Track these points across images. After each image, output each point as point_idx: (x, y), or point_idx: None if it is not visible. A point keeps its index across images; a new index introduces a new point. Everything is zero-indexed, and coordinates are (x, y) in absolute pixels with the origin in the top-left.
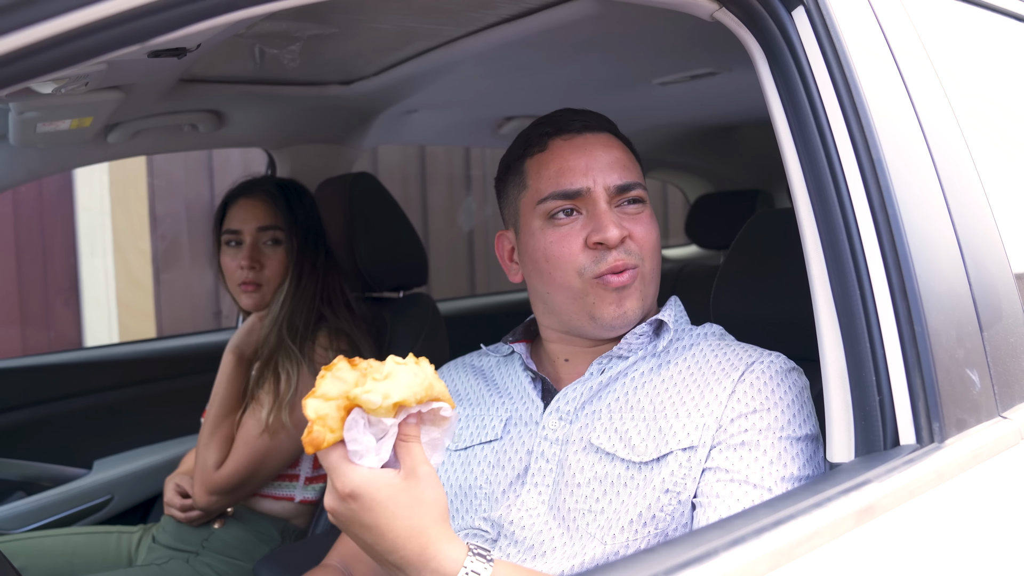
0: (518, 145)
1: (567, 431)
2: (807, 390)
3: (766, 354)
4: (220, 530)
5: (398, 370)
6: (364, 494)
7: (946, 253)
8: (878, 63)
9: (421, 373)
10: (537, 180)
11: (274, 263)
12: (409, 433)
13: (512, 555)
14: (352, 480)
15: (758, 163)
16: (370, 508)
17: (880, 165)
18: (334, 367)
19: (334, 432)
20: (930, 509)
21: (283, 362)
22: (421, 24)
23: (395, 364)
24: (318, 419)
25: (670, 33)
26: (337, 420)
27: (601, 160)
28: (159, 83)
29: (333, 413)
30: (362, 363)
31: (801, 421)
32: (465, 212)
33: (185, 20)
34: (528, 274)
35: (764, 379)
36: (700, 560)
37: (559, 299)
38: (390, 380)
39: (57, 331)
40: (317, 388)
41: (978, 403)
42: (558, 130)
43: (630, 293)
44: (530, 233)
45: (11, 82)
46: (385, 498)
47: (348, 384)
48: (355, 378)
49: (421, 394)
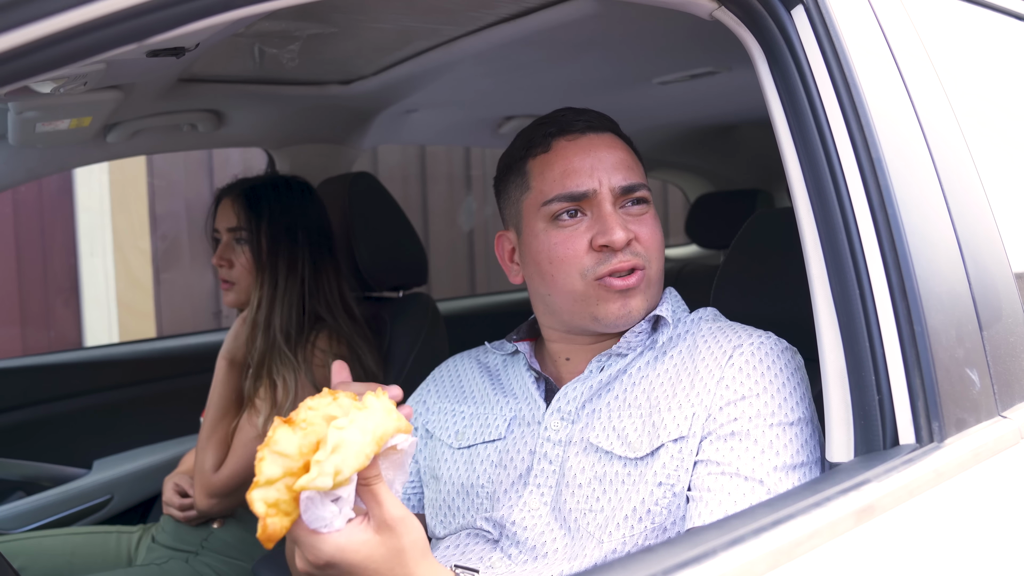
0: (520, 145)
1: (569, 432)
2: (801, 370)
3: (756, 335)
4: (219, 530)
5: (344, 438)
6: (340, 561)
7: (946, 252)
8: (878, 62)
9: (369, 423)
10: (541, 181)
11: (242, 262)
12: (370, 475)
13: (514, 556)
14: (324, 552)
15: (758, 163)
16: (350, 572)
17: (880, 164)
18: (270, 441)
19: (290, 515)
20: (930, 509)
21: (277, 368)
22: (421, 23)
23: (337, 431)
24: (268, 509)
25: (670, 32)
26: (290, 502)
27: (606, 161)
28: (158, 83)
29: (284, 495)
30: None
31: (793, 404)
32: (465, 212)
33: (182, 19)
34: (530, 275)
35: (753, 362)
36: (699, 560)
37: (561, 301)
38: (338, 453)
39: (57, 331)
40: (259, 474)
41: (978, 403)
42: (561, 130)
43: (635, 293)
44: (533, 235)
45: (8, 81)
46: (364, 558)
47: (292, 458)
48: (297, 448)
49: (374, 450)
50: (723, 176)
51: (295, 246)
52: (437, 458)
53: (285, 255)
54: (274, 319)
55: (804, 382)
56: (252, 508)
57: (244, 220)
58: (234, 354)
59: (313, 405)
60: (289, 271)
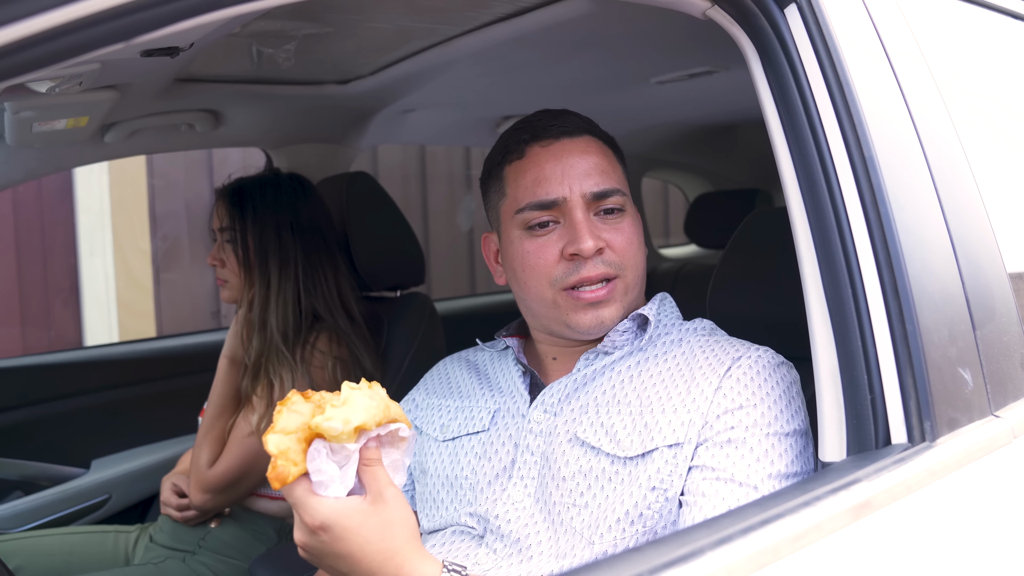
0: (498, 150)
1: (552, 423)
2: (797, 384)
3: (754, 348)
4: (217, 529)
5: (354, 395)
6: (334, 524)
7: (939, 252)
8: (871, 61)
9: (376, 396)
10: (515, 189)
11: (231, 261)
12: (371, 457)
13: (499, 550)
14: (320, 512)
15: (757, 162)
16: (342, 537)
17: (872, 163)
18: (288, 401)
19: (297, 465)
20: (921, 508)
21: (274, 367)
22: (417, 23)
23: (350, 390)
24: (280, 454)
25: (667, 32)
26: (299, 453)
27: (577, 167)
28: (154, 82)
29: (294, 446)
30: (315, 395)
31: (789, 416)
32: (464, 212)
33: (168, 19)
34: (509, 278)
35: (751, 374)
36: (686, 559)
37: (535, 306)
38: (348, 406)
39: (57, 331)
40: (275, 423)
41: (970, 402)
42: (535, 136)
43: (607, 304)
44: (510, 241)
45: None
46: (356, 525)
47: (305, 416)
48: (311, 410)
49: (380, 416)
50: (722, 175)
51: (285, 244)
52: (424, 452)
53: (276, 254)
54: (269, 318)
55: (800, 396)
56: (266, 448)
57: (229, 220)
58: (234, 352)
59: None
60: (281, 270)
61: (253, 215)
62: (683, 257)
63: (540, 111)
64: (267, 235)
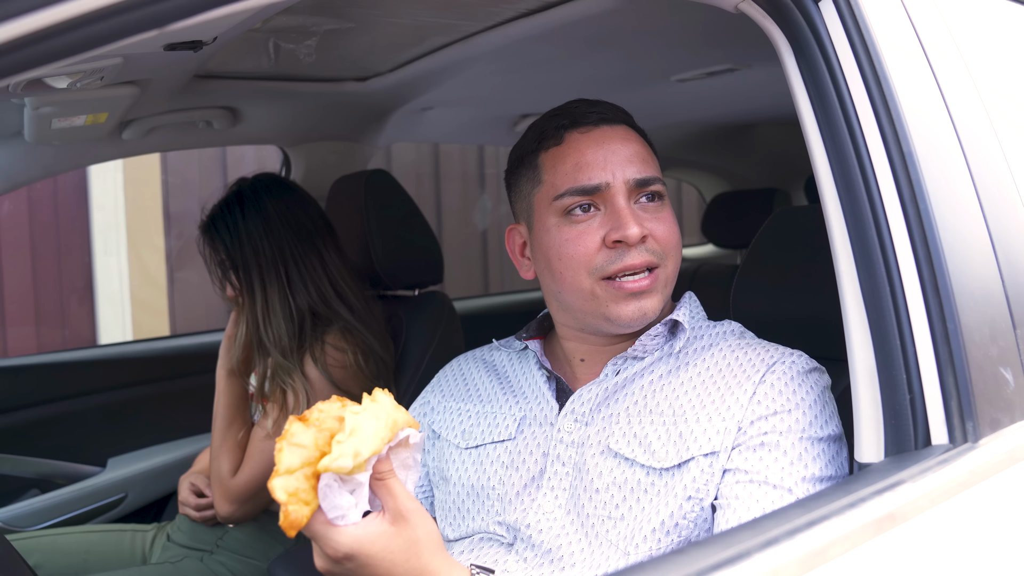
0: (531, 137)
1: (583, 433)
2: (829, 389)
3: (787, 353)
4: (235, 529)
5: (360, 423)
6: (358, 553)
7: (978, 249)
8: (908, 55)
9: (382, 412)
10: (553, 175)
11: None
12: (383, 470)
13: (529, 559)
14: (343, 544)
15: (775, 161)
16: (367, 564)
17: (911, 160)
18: (288, 434)
19: (309, 504)
20: (966, 510)
21: (283, 377)
22: (438, 19)
23: (353, 415)
24: (290, 497)
25: (688, 29)
26: (309, 491)
27: (620, 153)
28: (174, 78)
29: (303, 484)
30: (314, 415)
31: (824, 421)
32: (480, 211)
33: (203, 5)
34: (540, 271)
35: (785, 380)
36: (732, 562)
37: (572, 299)
38: (355, 436)
39: (71, 329)
40: (278, 464)
41: (1012, 402)
42: (574, 122)
43: (650, 294)
44: (544, 230)
45: (21, 69)
46: (380, 549)
47: (308, 447)
48: (313, 439)
49: (388, 435)
50: (740, 175)
51: (260, 251)
52: (445, 459)
53: (255, 264)
54: (264, 337)
55: (832, 401)
56: (273, 495)
57: (213, 252)
58: (228, 363)
59: (323, 408)
60: (266, 283)
61: (228, 237)
62: (700, 257)
63: (575, 100)
64: (244, 250)
